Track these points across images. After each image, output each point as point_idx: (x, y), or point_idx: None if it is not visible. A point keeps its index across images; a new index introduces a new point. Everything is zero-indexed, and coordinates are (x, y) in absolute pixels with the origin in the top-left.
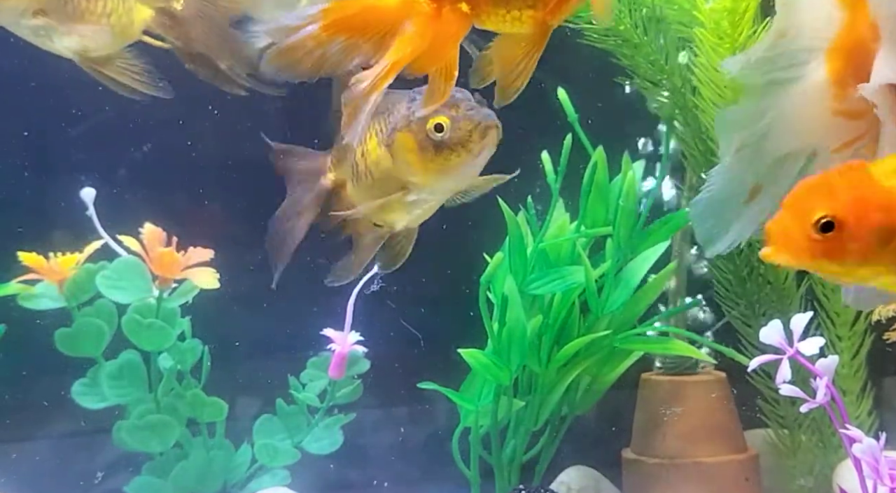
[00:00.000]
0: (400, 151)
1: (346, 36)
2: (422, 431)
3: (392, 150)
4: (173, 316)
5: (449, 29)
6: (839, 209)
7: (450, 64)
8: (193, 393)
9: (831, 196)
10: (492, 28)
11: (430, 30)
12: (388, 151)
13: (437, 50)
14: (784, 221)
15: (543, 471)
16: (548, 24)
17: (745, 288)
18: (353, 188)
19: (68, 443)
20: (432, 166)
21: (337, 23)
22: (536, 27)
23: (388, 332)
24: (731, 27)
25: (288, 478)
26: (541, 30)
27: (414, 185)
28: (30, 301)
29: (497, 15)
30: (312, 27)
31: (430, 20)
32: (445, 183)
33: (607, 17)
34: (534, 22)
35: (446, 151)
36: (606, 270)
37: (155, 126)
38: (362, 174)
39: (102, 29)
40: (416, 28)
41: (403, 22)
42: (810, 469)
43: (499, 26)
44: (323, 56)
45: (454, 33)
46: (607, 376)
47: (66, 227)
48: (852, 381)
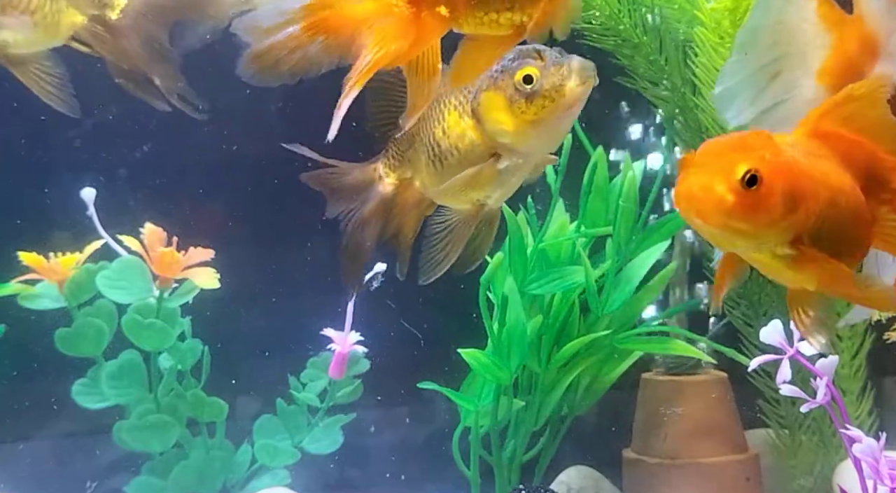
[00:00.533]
0: (489, 111)
1: (325, 36)
2: (422, 431)
3: (479, 113)
4: (173, 316)
5: (427, 31)
6: (761, 165)
7: (431, 66)
8: (193, 393)
9: (750, 152)
10: (469, 31)
11: (409, 32)
12: (474, 118)
13: (415, 52)
14: (702, 178)
15: (543, 471)
16: (524, 27)
17: (746, 288)
18: (429, 179)
19: (68, 443)
20: (526, 121)
21: (317, 23)
22: (513, 30)
23: (388, 332)
24: (732, 27)
25: (288, 478)
26: (517, 32)
27: (506, 148)
28: (30, 301)
29: (475, 17)
30: (293, 28)
31: (408, 22)
32: (541, 140)
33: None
34: (511, 24)
35: (540, 101)
36: (606, 270)
37: (155, 126)
38: (444, 156)
39: (24, 22)
40: (396, 30)
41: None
42: (810, 469)
43: (476, 29)
44: (303, 57)
45: (432, 36)
46: (607, 376)
47: (66, 227)
48: (852, 381)
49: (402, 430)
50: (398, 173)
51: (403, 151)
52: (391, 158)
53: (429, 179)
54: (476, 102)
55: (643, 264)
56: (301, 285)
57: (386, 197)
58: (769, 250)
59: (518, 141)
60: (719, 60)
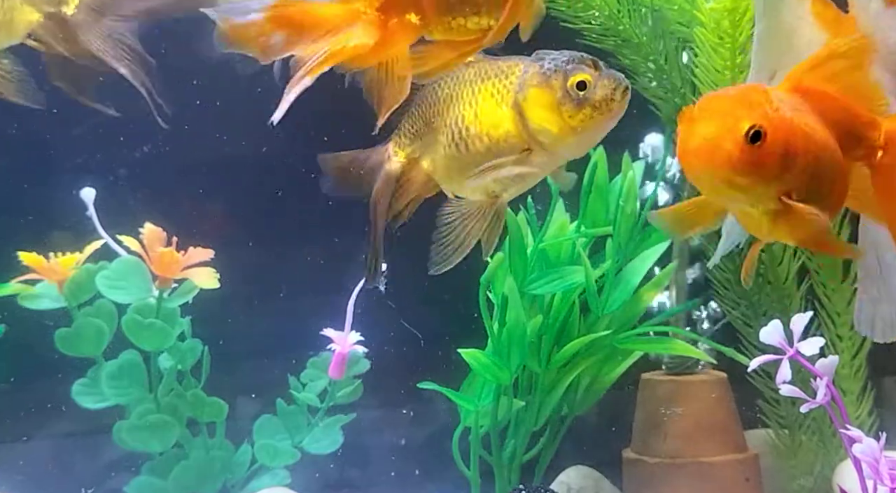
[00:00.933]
0: (535, 108)
1: (287, 31)
2: (422, 431)
3: (522, 107)
4: (173, 316)
5: (395, 38)
6: (764, 122)
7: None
8: (193, 393)
9: (753, 109)
10: (438, 37)
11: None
12: (515, 110)
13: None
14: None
15: (543, 471)
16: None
17: (746, 288)
18: (445, 161)
19: (68, 443)
20: (570, 125)
21: (279, 17)
22: (480, 33)
23: (388, 332)
24: (732, 27)
25: (288, 478)
26: (483, 36)
27: (541, 146)
28: (30, 301)
29: (443, 23)
30: (257, 15)
31: (375, 27)
32: (576, 146)
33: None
34: (478, 28)
35: (588, 110)
36: (606, 270)
37: (155, 126)
38: (471, 140)
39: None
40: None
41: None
42: (810, 469)
43: (446, 34)
44: (265, 43)
45: (401, 42)
46: (607, 376)
47: (66, 227)
48: (852, 381)
49: (402, 430)
50: (406, 151)
51: (416, 129)
52: (402, 136)
53: (445, 160)
54: (522, 96)
55: (643, 264)
56: (301, 285)
57: (392, 175)
58: (763, 204)
59: (556, 142)
60: (719, 60)
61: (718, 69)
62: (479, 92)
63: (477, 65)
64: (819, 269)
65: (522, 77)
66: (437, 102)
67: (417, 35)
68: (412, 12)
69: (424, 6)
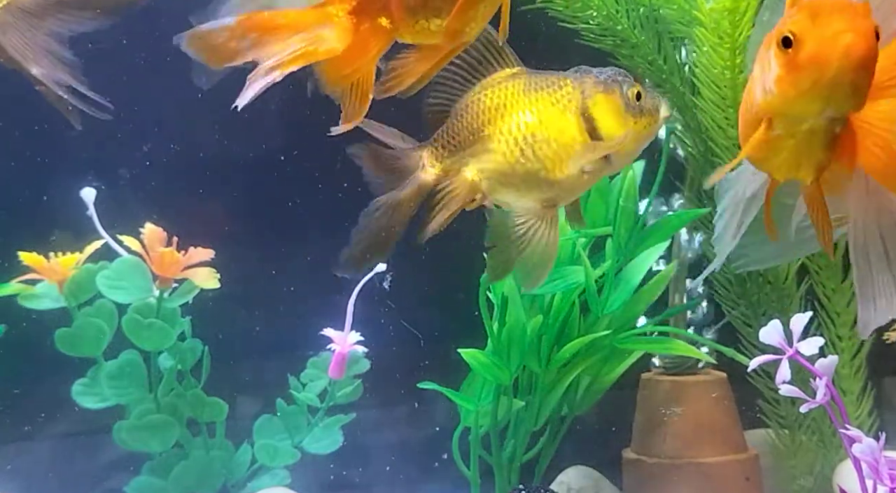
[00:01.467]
0: (605, 114)
1: (258, 33)
2: (422, 431)
3: (591, 113)
4: (173, 316)
5: (367, 43)
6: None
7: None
8: (193, 393)
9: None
10: (408, 40)
11: (348, 40)
12: (583, 116)
13: (352, 62)
14: (859, 27)
15: (543, 471)
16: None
17: (746, 288)
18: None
19: (68, 443)
20: (634, 132)
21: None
22: (447, 37)
23: (388, 332)
24: (732, 27)
25: (288, 478)
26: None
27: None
28: (30, 301)
29: (409, 26)
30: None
31: (347, 31)
32: (633, 153)
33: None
34: (442, 32)
35: (644, 119)
36: (606, 270)
37: (155, 126)
38: (537, 146)
39: None
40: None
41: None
42: (810, 469)
43: (414, 38)
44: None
45: (373, 48)
46: (607, 376)
47: (66, 227)
48: (852, 381)
49: (402, 430)
50: (445, 163)
51: (459, 140)
52: (439, 147)
53: (503, 169)
54: (591, 102)
55: (643, 264)
56: (301, 285)
57: (425, 186)
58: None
59: (621, 148)
60: (718, 60)
61: (718, 69)
62: (537, 100)
63: (523, 76)
64: (819, 269)
65: (582, 86)
66: (486, 112)
67: (389, 40)
68: (383, 16)
69: (393, 10)
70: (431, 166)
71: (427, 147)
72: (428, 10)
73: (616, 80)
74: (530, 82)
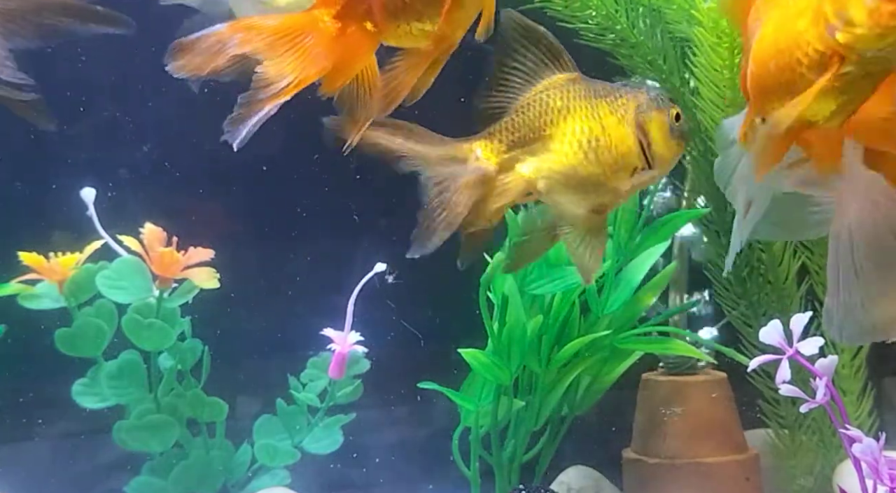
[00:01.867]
0: (656, 130)
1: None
2: (422, 431)
3: (645, 128)
4: (173, 316)
5: (356, 47)
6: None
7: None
8: (193, 393)
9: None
10: (394, 44)
11: (336, 48)
12: (638, 130)
13: (346, 68)
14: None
15: (543, 471)
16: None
17: (746, 288)
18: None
19: (68, 443)
20: (671, 151)
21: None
22: (432, 41)
23: (388, 332)
24: (731, 27)
25: (288, 478)
26: (434, 43)
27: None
28: (30, 301)
29: (391, 30)
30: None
31: (334, 39)
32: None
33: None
34: (424, 34)
35: (681, 140)
36: (606, 270)
37: (155, 125)
38: (600, 152)
39: None
40: (321, 46)
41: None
42: (810, 469)
43: (398, 41)
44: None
45: (362, 52)
46: (607, 376)
47: (66, 227)
48: (852, 381)
49: (402, 430)
50: (501, 158)
51: (519, 136)
52: (497, 140)
53: (562, 170)
54: (647, 118)
55: (643, 264)
56: (301, 285)
57: (489, 176)
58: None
59: (664, 166)
60: (717, 60)
61: (717, 69)
62: (597, 107)
63: (582, 82)
64: (819, 269)
65: (637, 100)
66: (550, 112)
67: (375, 44)
68: (367, 20)
69: (376, 14)
70: (487, 159)
71: (480, 140)
72: (409, 14)
73: (666, 100)
74: (590, 89)
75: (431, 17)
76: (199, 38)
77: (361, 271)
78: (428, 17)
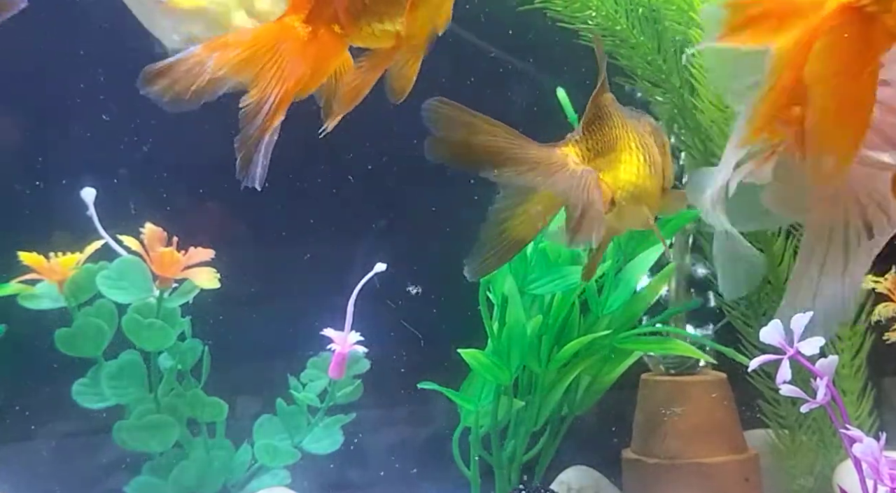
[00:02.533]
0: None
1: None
2: (422, 431)
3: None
4: (174, 316)
5: (327, 50)
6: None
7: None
8: (193, 393)
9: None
10: (361, 44)
11: (309, 52)
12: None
13: (319, 72)
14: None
15: (543, 471)
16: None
17: None
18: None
19: (68, 443)
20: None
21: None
22: (395, 41)
23: (388, 332)
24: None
25: (288, 478)
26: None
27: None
28: (30, 301)
29: (356, 31)
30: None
31: (306, 44)
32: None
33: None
34: (387, 35)
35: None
36: (606, 270)
37: (156, 125)
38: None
39: None
40: (296, 52)
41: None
42: (810, 469)
43: (364, 42)
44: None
45: (333, 54)
46: (607, 376)
47: (66, 227)
48: (853, 381)
49: (402, 430)
50: (589, 165)
51: (600, 146)
52: (584, 149)
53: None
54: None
55: (643, 264)
56: (301, 285)
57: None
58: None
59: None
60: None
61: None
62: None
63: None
64: None
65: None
66: (616, 126)
67: (344, 46)
68: (334, 22)
69: (341, 16)
70: (576, 165)
71: (570, 146)
72: (371, 15)
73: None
74: (623, 108)
75: (392, 17)
76: (176, 62)
77: (361, 271)
78: (389, 18)
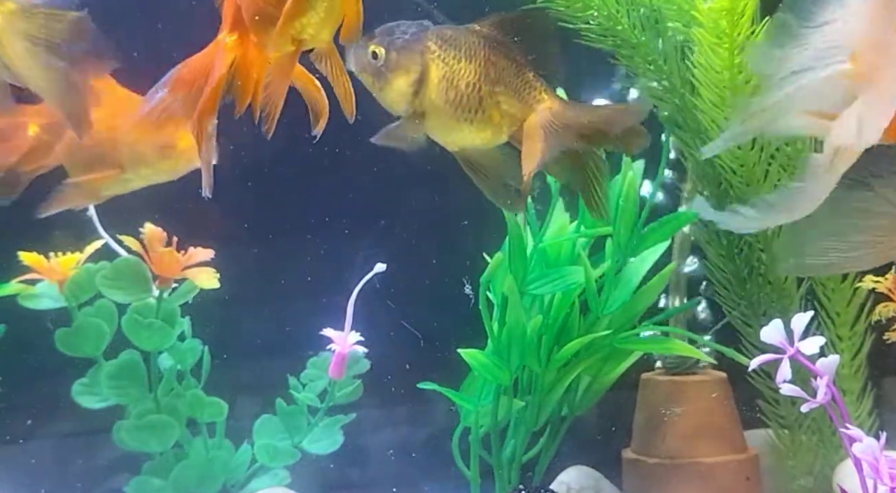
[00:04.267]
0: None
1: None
2: (422, 431)
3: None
4: (173, 316)
5: (248, 57)
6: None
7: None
8: (193, 393)
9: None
10: (273, 51)
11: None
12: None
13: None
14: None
15: (543, 471)
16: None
17: (746, 288)
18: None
19: (68, 443)
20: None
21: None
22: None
23: (388, 332)
24: (730, 27)
25: (288, 478)
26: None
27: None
28: (30, 301)
29: (263, 39)
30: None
31: (233, 50)
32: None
33: (356, 38)
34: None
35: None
36: (606, 270)
37: None
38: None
39: None
40: (222, 59)
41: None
42: (810, 469)
43: (274, 47)
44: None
45: (253, 60)
46: (607, 376)
47: (66, 227)
48: (853, 381)
49: (402, 430)
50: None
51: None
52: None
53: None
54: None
55: (643, 264)
56: (301, 285)
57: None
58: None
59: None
60: (717, 60)
61: (717, 69)
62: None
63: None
64: None
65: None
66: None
67: (262, 53)
68: (251, 33)
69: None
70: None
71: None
72: (267, 23)
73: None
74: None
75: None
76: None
77: (361, 272)
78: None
